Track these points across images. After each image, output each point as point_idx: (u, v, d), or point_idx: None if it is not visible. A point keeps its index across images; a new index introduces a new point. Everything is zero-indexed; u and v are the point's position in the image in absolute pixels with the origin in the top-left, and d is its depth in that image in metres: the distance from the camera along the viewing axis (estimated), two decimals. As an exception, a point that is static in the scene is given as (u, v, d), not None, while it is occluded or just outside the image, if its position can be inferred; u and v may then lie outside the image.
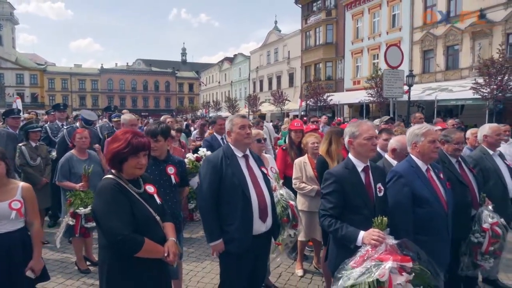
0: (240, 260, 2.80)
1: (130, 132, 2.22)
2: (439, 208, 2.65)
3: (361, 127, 2.47)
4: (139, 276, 2.14)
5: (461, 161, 3.56)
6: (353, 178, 2.44)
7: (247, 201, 2.75)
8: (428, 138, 2.68)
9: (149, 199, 2.27)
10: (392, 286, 2.05)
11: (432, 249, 2.58)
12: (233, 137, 2.90)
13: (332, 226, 2.37)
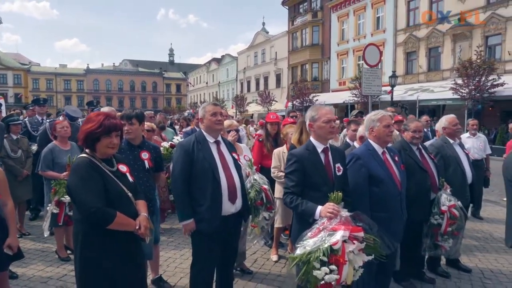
0: (211, 240, 2.96)
1: (103, 114, 2.37)
2: (393, 187, 2.87)
3: (320, 111, 2.67)
4: (112, 249, 2.28)
5: (422, 148, 3.80)
6: (313, 158, 2.63)
7: (216, 183, 2.92)
8: (383, 123, 2.90)
9: (121, 177, 2.42)
10: (345, 253, 2.25)
11: (387, 225, 2.80)
12: (205, 124, 3.07)
13: (293, 202, 2.56)
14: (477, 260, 4.57)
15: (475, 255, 4.75)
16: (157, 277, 3.80)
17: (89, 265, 2.25)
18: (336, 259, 2.22)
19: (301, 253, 2.26)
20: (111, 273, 2.28)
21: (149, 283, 3.77)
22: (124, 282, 2.35)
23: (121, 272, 2.31)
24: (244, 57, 44.97)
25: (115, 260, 2.30)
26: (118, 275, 2.31)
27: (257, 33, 42.86)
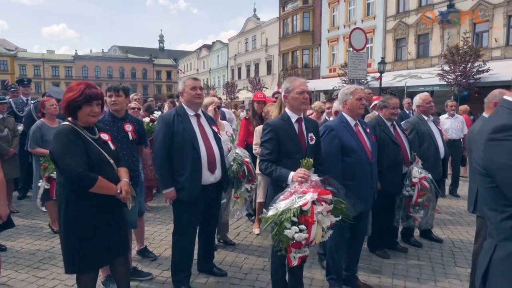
0: (191, 208, 3.11)
1: (84, 83, 2.46)
2: (364, 157, 3.03)
3: (294, 83, 2.80)
4: (95, 212, 2.40)
5: (395, 124, 3.97)
6: (287, 127, 2.77)
7: (196, 154, 3.05)
8: (355, 96, 3.05)
9: (103, 144, 2.53)
10: (313, 214, 2.40)
11: (358, 192, 2.97)
12: (185, 97, 3.18)
13: (268, 169, 2.71)
14: (449, 232, 4.81)
15: (448, 228, 4.99)
16: (142, 248, 3.95)
17: (73, 227, 2.37)
18: (305, 220, 2.38)
19: (273, 214, 2.42)
20: (94, 236, 2.41)
21: (135, 254, 3.94)
22: (107, 244, 2.48)
23: (103, 235, 2.45)
24: (235, 43, 44.66)
25: (97, 223, 2.42)
26: (101, 237, 2.44)
27: (248, 19, 42.50)
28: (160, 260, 3.90)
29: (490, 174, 1.44)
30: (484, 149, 1.46)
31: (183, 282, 3.21)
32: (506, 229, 1.44)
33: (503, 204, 1.43)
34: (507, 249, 1.43)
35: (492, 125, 1.43)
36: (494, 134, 1.41)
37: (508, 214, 1.42)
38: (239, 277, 3.55)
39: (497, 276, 1.46)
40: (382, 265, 3.84)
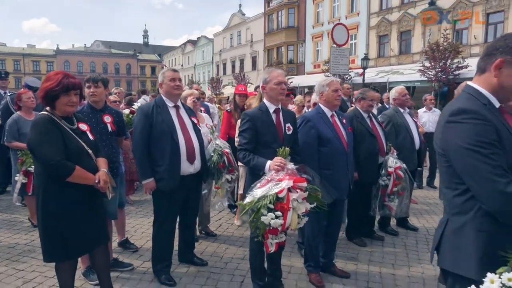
0: (170, 198, 3.15)
1: (62, 73, 2.47)
2: (340, 147, 3.13)
3: (271, 74, 2.86)
4: (73, 201, 2.42)
5: (372, 116, 4.08)
6: (265, 117, 2.83)
7: (175, 145, 3.09)
8: (331, 88, 3.14)
9: (81, 135, 2.54)
10: (289, 201, 2.47)
11: (334, 180, 3.07)
12: (164, 89, 3.21)
13: (246, 158, 2.77)
14: (424, 221, 4.98)
15: (424, 217, 5.17)
16: (123, 240, 3.97)
17: (51, 215, 2.39)
18: (281, 206, 2.45)
19: (250, 201, 2.48)
20: (73, 224, 2.43)
21: (116, 246, 3.96)
22: (86, 233, 2.50)
23: (82, 224, 2.46)
24: (220, 39, 44.44)
25: (76, 212, 2.43)
26: (80, 226, 2.45)
27: (233, 15, 42.33)
28: (141, 251, 3.92)
29: (446, 154, 1.55)
30: (442, 130, 1.56)
31: (163, 271, 3.26)
32: (457, 205, 1.55)
33: (456, 182, 1.54)
34: (457, 222, 1.54)
35: (451, 109, 1.53)
36: (451, 117, 1.51)
37: (460, 191, 1.53)
38: (220, 266, 3.61)
39: (448, 247, 1.58)
40: (359, 253, 3.96)
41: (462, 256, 1.52)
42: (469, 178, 1.46)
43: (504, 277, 1.30)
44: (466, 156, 1.44)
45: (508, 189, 1.36)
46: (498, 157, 1.40)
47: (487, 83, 1.53)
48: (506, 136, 1.44)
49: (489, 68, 1.51)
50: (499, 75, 1.48)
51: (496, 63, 1.48)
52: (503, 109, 1.55)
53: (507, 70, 1.47)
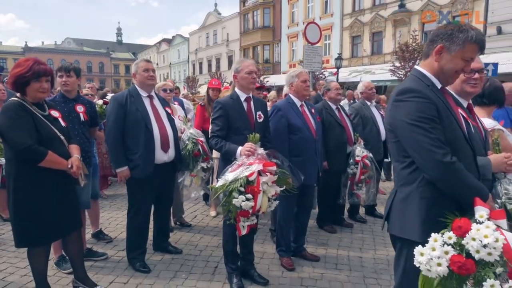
0: (145, 186, 3.20)
1: (32, 59, 2.48)
2: (309, 134, 3.28)
3: (243, 64, 2.97)
4: (45, 186, 2.43)
5: (340, 108, 4.27)
6: (236, 105, 2.94)
7: (149, 133, 3.14)
8: (300, 79, 3.29)
9: (53, 121, 2.57)
10: (259, 184, 2.59)
11: (303, 167, 3.20)
12: (137, 79, 3.26)
13: (218, 144, 2.87)
14: (391, 210, 5.22)
15: (391, 206, 5.41)
16: (97, 231, 3.97)
17: (22, 201, 2.40)
18: (251, 189, 2.56)
19: (221, 185, 2.58)
20: (44, 210, 2.44)
21: (90, 237, 3.96)
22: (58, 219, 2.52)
23: (54, 209, 2.48)
24: (196, 38, 44.17)
25: (48, 197, 2.46)
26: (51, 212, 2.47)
27: (209, 14, 42.17)
28: (115, 242, 3.94)
29: (393, 130, 1.71)
30: (391, 108, 1.72)
31: (138, 259, 3.30)
32: (404, 176, 1.72)
33: (403, 156, 1.71)
34: (404, 192, 1.72)
35: (398, 89, 1.69)
36: (397, 96, 1.68)
37: (406, 163, 1.70)
38: (194, 253, 3.69)
39: (396, 215, 1.76)
40: (329, 239, 4.13)
41: (407, 221, 1.68)
42: (412, 150, 1.63)
43: (446, 235, 1.46)
44: (409, 130, 1.60)
45: (445, 158, 1.53)
46: (437, 131, 1.57)
47: (430, 67, 1.71)
48: (445, 114, 1.62)
49: (432, 53, 1.69)
50: (440, 59, 1.67)
51: (437, 49, 1.66)
52: (444, 90, 1.73)
53: (446, 55, 1.65)
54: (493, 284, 1.34)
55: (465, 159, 1.64)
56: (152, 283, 3.08)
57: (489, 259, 1.37)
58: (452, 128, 1.63)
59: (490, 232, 1.37)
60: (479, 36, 1.61)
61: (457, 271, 1.37)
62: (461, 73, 1.70)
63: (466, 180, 1.57)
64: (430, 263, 1.41)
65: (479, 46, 1.62)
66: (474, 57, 1.65)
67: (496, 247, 1.35)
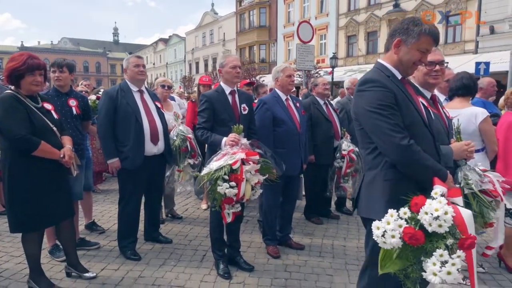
0: (135, 177, 3.33)
1: (26, 54, 2.61)
2: (293, 127, 3.42)
3: (227, 59, 3.11)
4: (38, 175, 2.56)
5: (327, 103, 4.41)
6: (221, 98, 3.08)
7: (139, 126, 3.27)
8: (285, 73, 3.43)
9: (46, 113, 2.69)
10: (242, 172, 2.72)
11: (287, 158, 3.34)
12: (128, 74, 3.39)
13: (203, 135, 3.01)
14: (378, 203, 5.37)
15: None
16: (90, 222, 4.10)
17: (17, 188, 2.52)
18: (235, 177, 2.69)
19: (206, 173, 2.71)
20: (38, 197, 2.57)
21: (83, 228, 4.08)
22: (51, 206, 2.65)
23: (47, 197, 2.61)
24: (192, 37, 44.25)
25: (41, 186, 2.58)
26: (45, 199, 2.60)
27: (205, 13, 42.26)
28: (108, 233, 4.06)
29: (358, 118, 1.86)
30: (354, 98, 1.86)
31: (128, 247, 3.43)
32: (369, 161, 1.86)
33: (367, 142, 1.85)
34: (370, 176, 1.86)
35: (360, 79, 1.84)
36: (359, 87, 1.83)
37: (371, 149, 1.84)
38: (184, 243, 3.82)
39: (363, 198, 1.90)
40: (315, 230, 4.28)
41: (373, 203, 1.82)
42: (374, 136, 1.77)
43: (401, 211, 1.60)
44: (370, 117, 1.75)
45: (403, 142, 1.68)
46: (395, 117, 1.71)
47: (390, 59, 1.86)
48: (403, 101, 1.76)
49: (391, 47, 1.84)
50: (398, 52, 1.82)
51: (395, 42, 1.82)
52: (404, 80, 1.88)
53: (403, 47, 1.80)
54: (441, 254, 1.48)
55: (424, 143, 1.78)
56: (142, 269, 3.21)
57: (440, 231, 1.51)
58: (410, 114, 1.77)
59: (440, 206, 1.51)
60: (432, 29, 1.76)
61: (409, 241, 1.51)
62: (419, 64, 1.84)
63: (424, 162, 1.71)
64: (385, 235, 1.55)
65: (433, 38, 1.77)
66: (429, 48, 1.79)
67: (446, 219, 1.49)
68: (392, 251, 1.61)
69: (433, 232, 1.53)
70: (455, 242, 1.52)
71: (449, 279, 1.45)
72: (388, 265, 1.61)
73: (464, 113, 2.85)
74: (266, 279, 3.10)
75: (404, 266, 1.59)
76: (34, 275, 2.75)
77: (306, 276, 3.16)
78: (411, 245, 1.55)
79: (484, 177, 2.06)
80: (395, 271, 1.59)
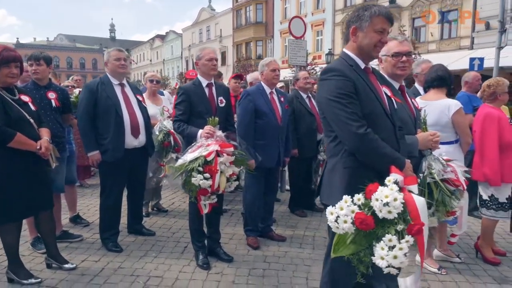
0: (116, 169, 3.36)
1: (2, 46, 2.63)
2: (274, 120, 3.46)
3: (203, 51, 3.14)
4: (16, 166, 2.59)
5: (311, 96, 4.45)
6: (198, 91, 3.11)
7: (119, 119, 3.30)
8: (270, 68, 3.47)
9: (23, 105, 2.72)
10: (217, 164, 2.75)
11: (267, 150, 3.40)
12: (109, 67, 3.42)
13: (180, 127, 3.04)
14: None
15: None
16: (74, 215, 4.13)
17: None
18: (209, 169, 2.72)
19: (180, 164, 2.74)
20: (16, 188, 2.60)
21: (67, 221, 4.12)
22: (29, 198, 2.68)
23: (25, 188, 2.64)
24: (189, 34, 44.13)
25: (19, 177, 2.61)
26: (23, 190, 2.63)
27: (202, 10, 42.13)
28: (92, 226, 4.09)
29: (320, 107, 1.89)
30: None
31: (110, 239, 3.47)
32: (331, 149, 1.91)
33: (329, 130, 1.89)
34: (331, 163, 1.90)
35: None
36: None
37: (332, 137, 1.88)
38: (167, 235, 3.86)
39: (325, 185, 1.95)
40: (298, 222, 4.32)
41: (333, 190, 1.86)
42: (334, 124, 1.81)
43: (355, 197, 1.64)
44: (330, 105, 1.78)
45: (359, 130, 1.71)
46: (353, 106, 1.75)
47: (352, 48, 1.90)
48: (364, 90, 1.80)
49: (349, 36, 1.87)
50: (356, 39, 1.86)
51: (351, 31, 1.87)
52: (367, 69, 1.91)
53: (360, 33, 1.84)
54: (390, 238, 1.52)
55: (384, 132, 1.82)
56: (122, 261, 3.25)
57: (390, 216, 1.55)
58: (371, 103, 1.81)
59: (390, 193, 1.55)
60: (382, 9, 1.81)
61: (359, 226, 1.55)
62: (381, 45, 1.86)
63: (381, 150, 1.75)
64: (338, 220, 1.59)
65: (385, 17, 1.81)
66: (385, 27, 1.82)
67: (395, 205, 1.53)
68: (346, 236, 1.65)
69: (384, 218, 1.57)
70: (404, 228, 1.56)
71: (395, 263, 1.49)
72: (341, 250, 1.65)
73: (437, 104, 2.88)
74: (244, 269, 3.14)
75: (357, 250, 1.63)
76: (13, 266, 2.78)
77: (284, 267, 3.21)
78: (363, 230, 1.60)
79: (447, 167, 2.10)
80: (347, 255, 1.63)
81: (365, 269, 1.60)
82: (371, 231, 1.57)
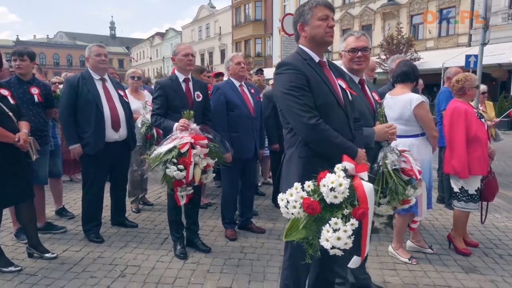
0: (97, 162, 3.45)
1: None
2: (246, 111, 3.53)
3: (179, 47, 3.22)
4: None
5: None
6: (175, 86, 3.19)
7: (100, 113, 3.39)
8: (234, 62, 3.56)
9: (2, 99, 2.81)
10: (191, 156, 2.83)
11: (241, 142, 3.47)
12: (90, 63, 3.50)
13: (157, 121, 3.12)
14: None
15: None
16: (60, 208, 4.22)
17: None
18: (183, 161, 2.80)
19: (155, 156, 2.83)
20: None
21: (53, 214, 4.21)
22: (8, 188, 2.77)
23: (4, 179, 2.73)
24: (189, 31, 44.21)
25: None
26: (1, 181, 2.72)
27: (201, 7, 42.19)
28: (77, 218, 4.16)
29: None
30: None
31: (92, 230, 3.56)
32: (288, 140, 1.99)
33: (286, 122, 1.97)
34: (288, 154, 1.99)
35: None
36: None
37: (288, 129, 1.96)
38: (149, 227, 3.95)
39: (283, 175, 2.03)
40: (280, 215, 4.28)
41: (290, 179, 1.94)
42: (288, 115, 1.89)
43: (306, 184, 1.72)
44: (284, 98, 1.86)
45: (310, 121, 1.79)
46: (306, 98, 1.83)
47: (304, 42, 1.98)
48: (316, 83, 1.87)
49: (300, 34, 1.96)
50: (306, 33, 1.95)
51: (299, 28, 1.97)
52: (322, 62, 1.99)
53: (307, 27, 1.94)
54: (336, 222, 1.60)
55: (337, 123, 1.89)
56: (103, 251, 3.34)
57: (336, 201, 1.62)
58: (323, 95, 1.88)
59: (336, 179, 1.63)
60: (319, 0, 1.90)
61: (306, 210, 1.63)
62: (330, 30, 1.92)
63: (332, 140, 1.83)
64: (288, 206, 1.67)
65: (324, 5, 1.91)
66: (327, 14, 1.91)
67: (339, 190, 1.61)
68: (299, 221, 1.73)
69: (332, 203, 1.65)
70: (350, 212, 1.64)
71: (339, 244, 1.56)
72: (293, 234, 1.73)
73: (400, 99, 2.96)
74: (220, 259, 3.22)
75: (307, 235, 1.71)
76: (-7, 254, 2.87)
77: (259, 257, 3.29)
78: (314, 216, 1.67)
79: (402, 157, 2.18)
80: (298, 239, 1.71)
81: (314, 252, 1.68)
82: (321, 216, 1.64)
